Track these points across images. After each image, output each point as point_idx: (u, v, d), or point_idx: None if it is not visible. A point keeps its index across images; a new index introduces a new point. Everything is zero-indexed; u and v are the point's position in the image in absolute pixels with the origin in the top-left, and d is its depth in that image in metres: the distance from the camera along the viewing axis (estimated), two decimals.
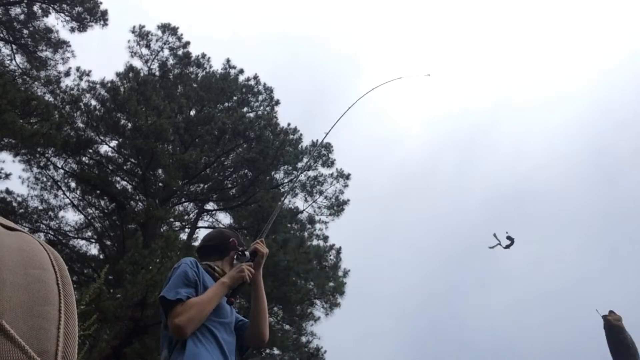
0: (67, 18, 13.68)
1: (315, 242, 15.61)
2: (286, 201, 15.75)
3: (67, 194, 15.08)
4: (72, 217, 15.30)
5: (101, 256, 14.66)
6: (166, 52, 16.21)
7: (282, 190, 15.61)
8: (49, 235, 14.59)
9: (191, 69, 16.84)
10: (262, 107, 17.00)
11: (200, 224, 16.28)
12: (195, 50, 16.78)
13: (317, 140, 15.97)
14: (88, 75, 14.22)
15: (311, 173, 15.97)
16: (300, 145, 15.96)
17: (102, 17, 13.82)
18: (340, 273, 15.37)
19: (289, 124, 16.21)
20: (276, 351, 15.45)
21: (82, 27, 13.74)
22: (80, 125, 14.31)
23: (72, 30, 13.77)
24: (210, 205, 16.62)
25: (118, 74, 14.91)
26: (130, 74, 14.73)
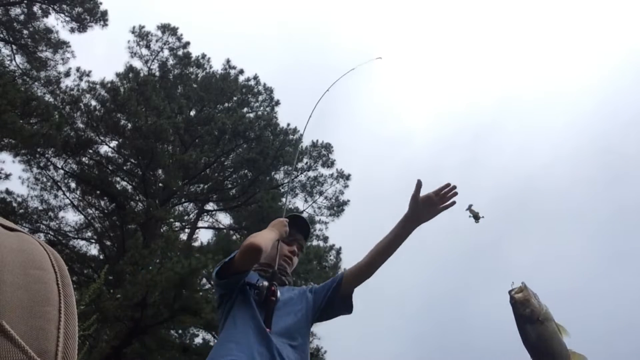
0: (67, 18, 13.69)
1: (315, 243, 15.61)
2: (286, 201, 15.75)
3: (67, 194, 15.09)
4: (72, 217, 15.32)
5: (101, 256, 14.67)
6: (166, 53, 16.22)
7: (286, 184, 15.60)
8: (49, 235, 14.60)
9: (191, 69, 16.84)
10: (262, 108, 17.01)
11: (200, 224, 16.29)
12: (195, 51, 16.80)
13: (317, 140, 15.99)
14: (88, 75, 14.24)
15: (311, 173, 15.98)
16: (300, 146, 15.96)
17: (102, 18, 13.83)
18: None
19: (288, 124, 16.22)
20: None
21: (82, 27, 13.75)
22: (80, 125, 14.33)
23: (72, 30, 13.78)
24: (210, 206, 16.62)
25: (118, 74, 14.93)
26: (130, 75, 14.74)
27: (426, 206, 2.02)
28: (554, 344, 1.59)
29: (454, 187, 2.02)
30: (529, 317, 1.59)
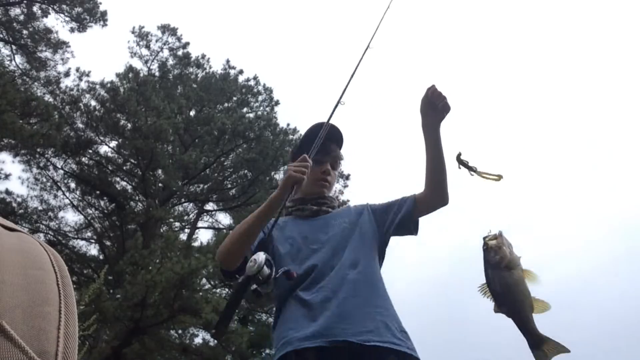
0: (67, 18, 13.70)
1: None
2: None
3: (67, 194, 15.09)
4: (71, 217, 15.32)
5: (101, 256, 14.67)
6: (166, 53, 16.24)
7: None
8: (49, 235, 14.60)
9: (191, 70, 16.85)
10: (261, 108, 17.02)
11: (200, 224, 16.30)
12: (195, 51, 16.81)
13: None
14: (88, 75, 14.25)
15: None
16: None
17: (101, 18, 13.84)
18: None
19: (288, 124, 16.22)
20: None
21: (82, 27, 13.76)
22: (80, 125, 14.34)
23: (72, 30, 13.79)
24: (210, 206, 16.63)
25: (118, 75, 14.93)
26: (130, 75, 14.73)
27: (430, 109, 1.81)
28: (517, 291, 1.62)
29: (433, 88, 1.80)
30: (497, 264, 1.62)
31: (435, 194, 1.85)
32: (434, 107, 1.79)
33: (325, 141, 1.93)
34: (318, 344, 1.61)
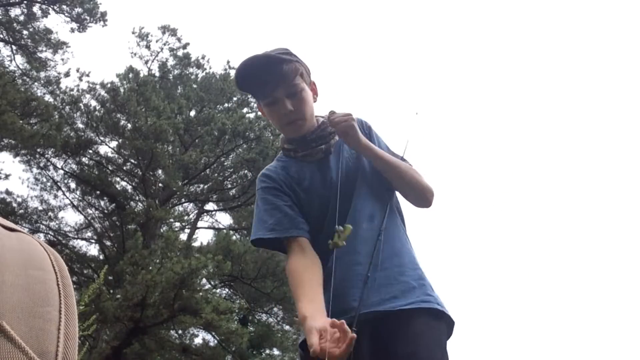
0: (67, 19, 13.70)
1: None
2: None
3: (67, 194, 15.10)
4: (72, 217, 15.36)
5: (101, 257, 14.67)
6: (166, 53, 16.24)
7: None
8: (49, 235, 14.61)
9: (191, 70, 16.86)
10: None
11: (200, 224, 16.30)
12: (195, 51, 16.82)
13: None
14: (88, 76, 14.25)
15: None
16: None
17: (101, 18, 13.84)
18: None
19: None
20: (276, 352, 15.46)
21: (82, 27, 13.76)
22: (80, 125, 14.34)
23: (72, 30, 13.79)
24: (210, 206, 16.63)
25: (118, 75, 14.94)
26: (130, 75, 14.74)
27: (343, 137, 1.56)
28: None
29: (330, 116, 1.55)
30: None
31: (414, 201, 1.63)
32: (343, 135, 1.54)
33: (256, 75, 1.51)
34: None
